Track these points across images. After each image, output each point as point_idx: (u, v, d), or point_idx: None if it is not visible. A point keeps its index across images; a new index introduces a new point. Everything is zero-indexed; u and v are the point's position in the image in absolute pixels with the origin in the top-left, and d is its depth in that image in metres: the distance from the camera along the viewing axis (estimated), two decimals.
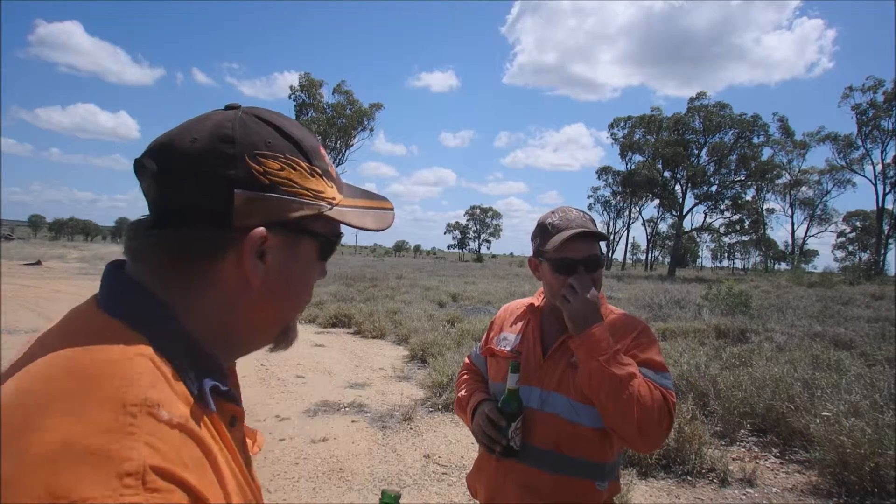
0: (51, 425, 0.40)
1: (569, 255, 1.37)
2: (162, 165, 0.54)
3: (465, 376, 1.64)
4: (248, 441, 0.63)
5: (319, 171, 0.60)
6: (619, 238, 76.80)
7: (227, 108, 0.58)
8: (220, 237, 0.54)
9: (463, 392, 1.57)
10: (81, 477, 0.38)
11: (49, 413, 0.41)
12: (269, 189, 0.55)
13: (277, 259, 0.57)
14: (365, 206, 0.66)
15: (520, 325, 1.53)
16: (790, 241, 66.51)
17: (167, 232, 0.54)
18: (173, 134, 0.55)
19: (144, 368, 0.47)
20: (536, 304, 1.54)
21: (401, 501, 0.89)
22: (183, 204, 0.53)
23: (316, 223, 0.60)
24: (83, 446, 0.39)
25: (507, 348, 1.49)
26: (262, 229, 0.54)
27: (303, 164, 0.58)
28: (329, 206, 0.60)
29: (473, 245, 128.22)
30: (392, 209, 0.69)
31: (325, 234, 0.62)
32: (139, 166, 0.55)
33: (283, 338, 0.64)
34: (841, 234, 78.07)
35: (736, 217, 47.15)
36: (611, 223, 74.62)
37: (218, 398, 0.54)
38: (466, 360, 1.70)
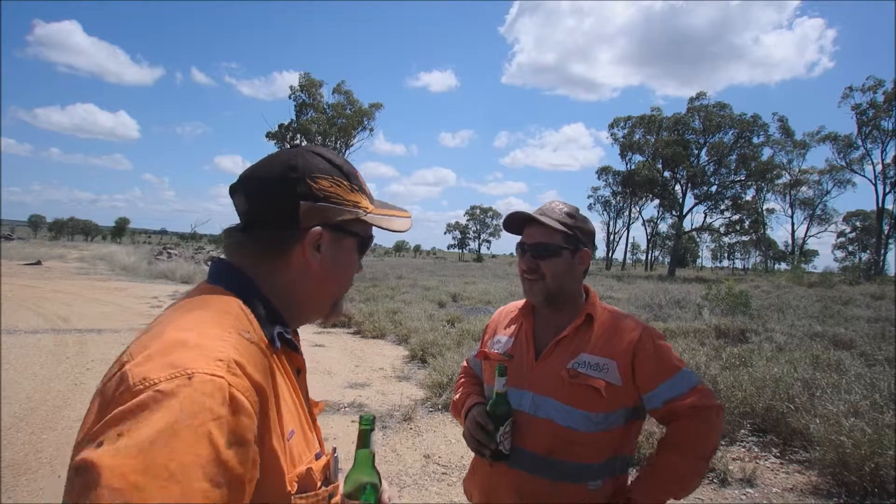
0: (174, 330, 0.64)
1: (523, 239, 1.44)
2: (250, 188, 0.78)
3: (462, 379, 1.63)
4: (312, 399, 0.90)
5: (357, 188, 0.83)
6: (619, 238, 76.79)
7: (292, 146, 0.83)
8: (291, 234, 0.77)
9: (458, 395, 1.57)
10: (190, 358, 0.59)
11: (176, 325, 0.65)
12: (323, 200, 0.78)
13: (329, 251, 0.80)
14: (390, 214, 0.88)
15: (513, 327, 1.51)
16: (790, 241, 66.46)
17: (256, 232, 0.77)
18: (256, 166, 0.80)
19: (237, 311, 0.71)
20: (532, 303, 1.52)
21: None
22: (266, 212, 0.77)
23: (356, 225, 0.83)
24: (194, 343, 0.61)
25: (500, 351, 1.48)
26: (318, 228, 0.77)
27: (345, 182, 0.81)
28: (365, 213, 0.83)
29: (473, 245, 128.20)
30: (410, 216, 0.91)
31: (361, 234, 0.84)
32: (234, 189, 0.80)
33: (333, 311, 0.86)
34: (841, 234, 78.02)
35: (736, 217, 47.05)
36: (611, 223, 74.59)
37: (283, 346, 0.76)
38: (464, 364, 1.70)
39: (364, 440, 0.88)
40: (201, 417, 0.54)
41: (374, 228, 0.87)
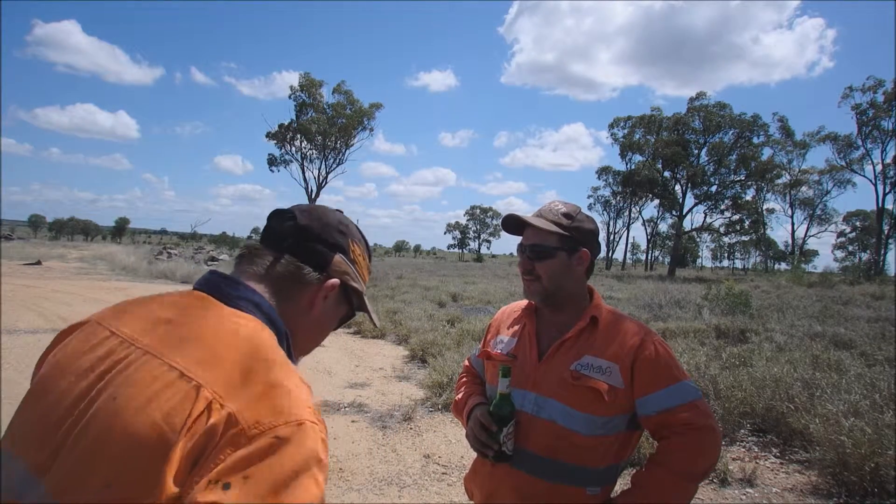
0: (264, 371, 0.67)
1: (522, 240, 1.44)
2: (308, 219, 0.86)
3: (464, 379, 1.63)
4: None
5: (370, 267, 0.97)
6: (619, 238, 76.81)
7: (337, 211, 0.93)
8: (317, 275, 0.84)
9: (460, 395, 1.56)
10: (293, 404, 0.64)
11: (261, 365, 0.67)
12: (351, 262, 0.90)
13: (330, 305, 0.88)
14: (372, 308, 0.99)
15: (516, 327, 1.50)
16: (790, 241, 66.40)
17: (289, 258, 0.83)
18: (314, 207, 0.90)
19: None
20: (534, 303, 1.51)
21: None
22: (308, 248, 0.85)
23: (355, 297, 0.92)
24: (288, 386, 0.66)
25: (502, 350, 1.47)
26: (337, 281, 0.86)
27: (367, 259, 0.96)
28: (364, 291, 0.93)
29: (473, 245, 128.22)
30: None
31: (352, 306, 0.93)
32: (283, 215, 0.87)
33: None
34: (841, 234, 77.95)
35: (736, 217, 47.02)
36: (611, 223, 74.57)
37: None
38: (466, 363, 1.69)
39: None
40: (312, 463, 0.62)
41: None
